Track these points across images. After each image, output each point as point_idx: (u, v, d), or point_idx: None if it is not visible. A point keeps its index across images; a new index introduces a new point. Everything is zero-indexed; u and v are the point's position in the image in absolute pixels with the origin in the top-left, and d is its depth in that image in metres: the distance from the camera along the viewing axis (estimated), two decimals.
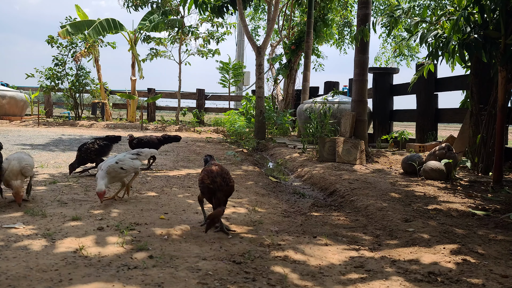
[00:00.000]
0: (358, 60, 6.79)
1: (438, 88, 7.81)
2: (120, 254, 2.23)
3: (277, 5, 10.76)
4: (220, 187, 2.68)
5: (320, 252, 2.46)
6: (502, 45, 4.43)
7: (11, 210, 3.03)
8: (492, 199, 3.93)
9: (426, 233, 2.82)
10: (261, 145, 9.55)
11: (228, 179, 2.73)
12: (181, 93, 16.29)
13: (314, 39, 13.32)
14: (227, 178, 2.73)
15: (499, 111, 4.62)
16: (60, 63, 16.13)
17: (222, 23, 15.56)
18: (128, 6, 14.61)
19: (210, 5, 11.66)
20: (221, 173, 2.74)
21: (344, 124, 6.84)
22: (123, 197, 3.57)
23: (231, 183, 2.74)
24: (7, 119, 15.38)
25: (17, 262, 2.04)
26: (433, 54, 4.90)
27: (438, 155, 5.12)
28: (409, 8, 5.78)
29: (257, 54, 10.18)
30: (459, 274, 2.16)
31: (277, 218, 3.29)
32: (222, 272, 2.05)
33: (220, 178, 2.70)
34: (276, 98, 15.53)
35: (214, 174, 2.72)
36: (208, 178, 2.72)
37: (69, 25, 14.45)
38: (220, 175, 2.72)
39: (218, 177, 2.70)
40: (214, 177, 2.71)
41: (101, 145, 4.57)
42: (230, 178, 2.76)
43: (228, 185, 2.71)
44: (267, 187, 4.71)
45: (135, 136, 5.51)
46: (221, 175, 2.72)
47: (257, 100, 10.19)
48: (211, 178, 2.71)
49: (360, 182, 4.67)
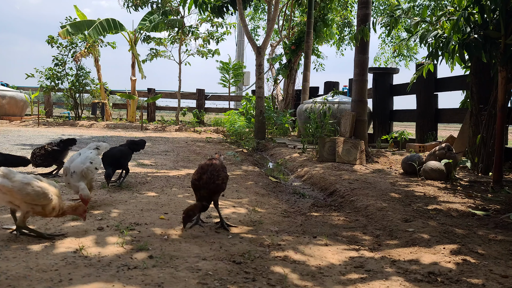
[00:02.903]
0: (358, 60, 6.79)
1: (438, 88, 7.81)
2: (120, 254, 2.23)
3: (277, 5, 10.76)
4: (205, 184, 2.63)
5: (320, 252, 2.46)
6: (502, 45, 4.43)
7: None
8: (492, 199, 3.93)
9: (426, 233, 2.82)
10: (261, 145, 9.55)
11: (215, 177, 2.67)
12: (181, 93, 16.29)
13: (314, 39, 13.32)
14: (215, 176, 2.67)
15: (499, 111, 4.62)
16: (60, 63, 16.13)
17: (222, 23, 15.56)
18: (128, 6, 14.61)
19: (210, 5, 11.67)
20: (211, 169, 2.68)
21: (344, 124, 6.84)
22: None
23: (217, 181, 2.67)
24: (7, 119, 15.38)
25: (17, 262, 2.04)
26: (433, 54, 4.91)
27: (438, 155, 5.12)
28: (409, 8, 5.78)
29: (257, 54, 10.18)
30: (459, 274, 2.16)
31: (277, 218, 3.29)
32: (222, 272, 2.05)
33: (207, 175, 2.66)
34: (276, 98, 15.53)
35: (203, 171, 2.68)
36: (196, 174, 2.70)
37: (69, 25, 14.45)
38: (210, 171, 2.67)
39: (205, 174, 2.66)
40: (201, 173, 2.67)
41: (48, 151, 4.43)
42: (219, 176, 2.69)
43: (215, 183, 2.65)
44: (267, 187, 4.71)
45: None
46: (210, 172, 2.67)
47: (257, 100, 10.19)
48: (198, 174, 2.68)
49: (360, 182, 4.67)
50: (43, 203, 2.37)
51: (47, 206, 2.39)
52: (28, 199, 2.32)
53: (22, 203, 2.34)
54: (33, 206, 2.36)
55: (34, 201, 2.34)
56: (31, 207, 2.36)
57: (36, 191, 2.33)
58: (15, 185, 2.30)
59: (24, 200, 2.32)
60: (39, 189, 2.35)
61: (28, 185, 2.33)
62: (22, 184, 2.31)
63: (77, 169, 3.08)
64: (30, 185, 2.33)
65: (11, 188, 2.29)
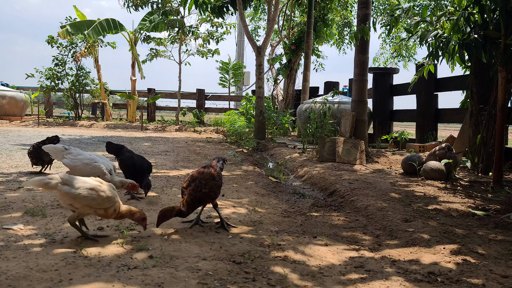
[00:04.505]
0: (358, 60, 6.79)
1: (438, 88, 7.81)
2: (120, 254, 2.23)
3: (277, 5, 10.76)
4: (191, 191, 2.67)
5: (320, 252, 2.46)
6: (502, 45, 4.43)
7: (11, 210, 3.03)
8: (492, 199, 3.93)
9: (426, 233, 2.82)
10: (261, 145, 9.55)
11: (202, 186, 2.70)
12: (181, 93, 16.29)
13: (314, 39, 13.32)
14: (202, 185, 2.70)
15: (499, 111, 4.62)
16: (60, 63, 16.14)
17: (222, 23, 15.57)
18: (128, 6, 14.61)
19: (210, 5, 11.67)
20: (199, 178, 2.72)
21: (344, 124, 6.84)
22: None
23: (203, 190, 2.70)
24: (7, 119, 15.39)
25: (17, 262, 2.04)
26: (433, 54, 4.91)
27: (438, 155, 5.12)
28: (409, 8, 5.78)
29: (257, 54, 10.18)
30: (459, 274, 2.16)
31: (277, 218, 3.29)
32: (222, 272, 2.05)
33: (195, 183, 2.70)
34: (276, 98, 15.53)
35: (193, 179, 2.74)
36: (187, 181, 2.76)
37: (69, 25, 14.45)
38: (198, 180, 2.71)
39: (193, 182, 2.71)
40: (190, 181, 2.73)
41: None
42: (206, 185, 2.72)
43: (201, 191, 2.69)
44: (267, 187, 4.71)
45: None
46: (199, 181, 2.71)
47: (257, 100, 10.19)
48: (187, 182, 2.75)
49: (360, 182, 4.67)
50: (107, 207, 2.39)
51: (109, 209, 2.41)
52: (94, 204, 2.34)
53: (83, 206, 2.36)
54: (96, 209, 2.38)
55: (99, 206, 2.36)
56: (93, 210, 2.38)
57: (101, 196, 2.35)
58: (80, 192, 2.32)
59: (90, 205, 2.34)
60: (103, 194, 2.36)
61: (93, 190, 2.35)
62: (86, 191, 2.33)
63: (112, 166, 3.27)
64: (95, 190, 2.35)
65: (75, 196, 2.31)
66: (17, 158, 5.74)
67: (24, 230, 2.56)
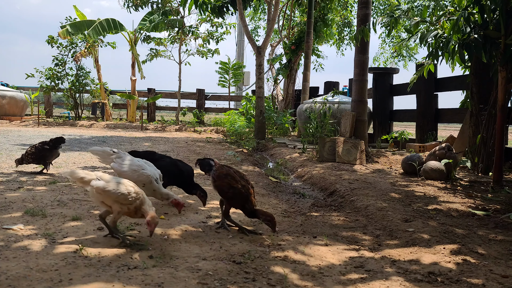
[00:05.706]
0: (358, 60, 6.79)
1: (438, 88, 7.81)
2: (120, 254, 2.23)
3: (277, 5, 10.76)
4: (248, 190, 2.74)
5: (320, 252, 2.46)
6: (502, 45, 4.43)
7: (11, 210, 3.03)
8: (492, 199, 3.93)
9: (426, 233, 2.82)
10: (261, 145, 9.55)
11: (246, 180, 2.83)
12: (181, 93, 16.29)
13: (314, 39, 13.32)
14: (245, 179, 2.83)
15: (499, 111, 4.62)
16: (60, 63, 16.13)
17: (222, 23, 15.57)
18: (128, 6, 14.62)
19: (210, 5, 11.67)
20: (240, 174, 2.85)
21: (344, 124, 6.84)
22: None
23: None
24: (7, 119, 15.39)
25: (17, 262, 2.04)
26: (433, 54, 4.91)
27: (438, 155, 5.12)
28: (409, 8, 5.79)
29: (257, 54, 10.18)
30: (459, 274, 2.16)
31: (277, 218, 3.28)
32: (222, 272, 2.05)
33: (244, 180, 2.78)
34: (276, 98, 15.53)
35: (237, 178, 2.77)
36: (237, 182, 2.73)
37: (69, 25, 14.45)
38: (242, 177, 2.81)
39: (242, 180, 2.76)
40: (238, 181, 2.75)
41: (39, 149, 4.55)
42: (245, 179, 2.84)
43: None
44: (267, 187, 4.71)
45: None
46: (242, 178, 2.81)
47: (257, 100, 10.19)
48: (236, 181, 2.75)
49: (360, 182, 4.67)
50: (135, 204, 2.39)
51: (137, 206, 2.41)
52: (121, 199, 2.36)
53: (114, 203, 2.38)
54: (122, 205, 2.39)
55: (126, 201, 2.37)
56: (120, 206, 2.39)
57: (129, 190, 2.38)
58: (109, 185, 2.37)
59: (117, 200, 2.37)
60: (132, 189, 2.40)
61: (122, 185, 2.40)
62: (116, 185, 2.39)
63: (159, 175, 3.09)
64: (123, 184, 2.41)
65: (105, 189, 2.36)
66: None
67: (24, 230, 2.56)
